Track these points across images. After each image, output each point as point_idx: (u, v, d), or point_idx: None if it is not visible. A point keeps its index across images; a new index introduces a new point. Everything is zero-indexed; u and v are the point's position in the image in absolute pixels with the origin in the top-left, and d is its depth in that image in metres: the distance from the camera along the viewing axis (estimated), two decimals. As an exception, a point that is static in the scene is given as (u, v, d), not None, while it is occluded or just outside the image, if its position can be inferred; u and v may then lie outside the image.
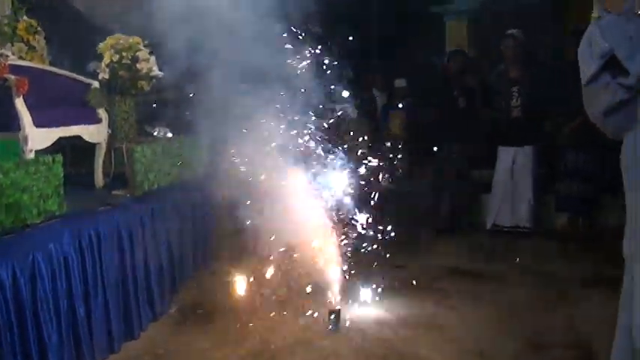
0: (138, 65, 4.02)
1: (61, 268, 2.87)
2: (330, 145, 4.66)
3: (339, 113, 6.32)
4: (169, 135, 4.86)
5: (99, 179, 3.85)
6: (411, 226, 5.77)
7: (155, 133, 4.81)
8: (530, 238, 5.61)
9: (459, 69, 6.01)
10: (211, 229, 4.88)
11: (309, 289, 4.10)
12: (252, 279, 4.48)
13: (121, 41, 3.97)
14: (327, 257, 4.04)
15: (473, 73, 6.24)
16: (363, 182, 4.46)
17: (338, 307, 3.81)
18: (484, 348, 3.42)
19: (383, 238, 4.41)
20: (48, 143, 3.20)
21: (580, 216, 5.49)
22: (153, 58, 4.20)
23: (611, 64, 1.55)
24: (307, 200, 4.16)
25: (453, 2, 7.74)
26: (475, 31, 7.89)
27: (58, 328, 2.80)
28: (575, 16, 7.24)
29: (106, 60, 3.90)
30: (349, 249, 4.21)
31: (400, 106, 6.80)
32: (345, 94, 6.94)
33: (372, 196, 4.50)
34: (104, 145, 3.82)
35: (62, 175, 2.97)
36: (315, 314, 3.90)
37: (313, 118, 4.40)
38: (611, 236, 5.47)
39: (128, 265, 3.48)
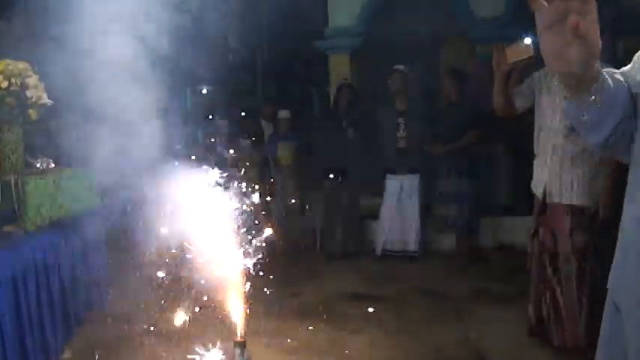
0: (27, 92, 3.79)
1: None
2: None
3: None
4: (52, 166, 4.60)
5: (-15, 215, 3.55)
6: (303, 254, 5.90)
7: (38, 165, 4.54)
8: (418, 261, 5.95)
9: (346, 101, 6.27)
10: (104, 266, 4.66)
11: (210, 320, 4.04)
12: (149, 316, 4.35)
13: (10, 67, 3.72)
14: (225, 288, 4.01)
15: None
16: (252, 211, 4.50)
17: (242, 338, 3.78)
18: (389, 368, 3.58)
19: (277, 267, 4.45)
20: None
21: (461, 237, 5.89)
22: (42, 86, 3.97)
23: None
24: (202, 230, 4.13)
25: (335, 38, 8.08)
26: (357, 65, 8.30)
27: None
28: (452, 57, 7.88)
29: (-6, 87, 3.64)
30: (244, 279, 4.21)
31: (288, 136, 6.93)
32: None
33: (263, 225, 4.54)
34: (-10, 179, 3.54)
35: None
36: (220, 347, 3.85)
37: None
38: (491, 255, 6.02)
39: (23, 307, 3.23)
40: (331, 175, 6.23)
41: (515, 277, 5.26)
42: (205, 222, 4.11)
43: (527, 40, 3.25)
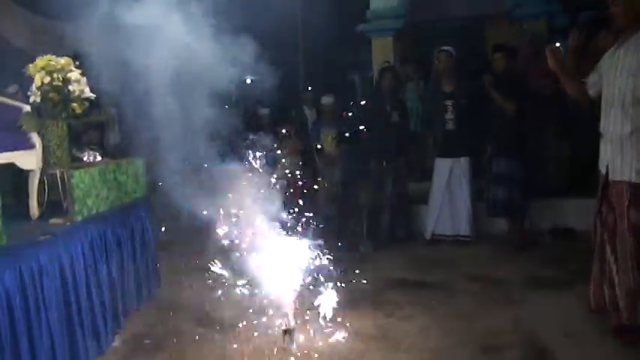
0: (70, 87, 3.83)
1: (2, 304, 2.67)
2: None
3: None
4: (99, 159, 4.67)
5: (34, 208, 3.62)
6: (351, 241, 5.81)
7: (85, 158, 4.62)
8: (469, 246, 5.78)
9: (390, 84, 6.13)
10: (153, 255, 4.72)
11: (260, 309, 4.03)
12: (200, 303, 4.37)
13: (52, 62, 3.77)
14: (277, 276, 3.98)
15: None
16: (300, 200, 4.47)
17: (292, 326, 3.75)
18: (439, 355, 3.48)
19: (325, 254, 4.40)
20: (-20, 172, 2.99)
21: (510, 220, 5.68)
22: (84, 79, 4.02)
23: None
24: (252, 219, 4.11)
25: (378, 20, 7.93)
26: (400, 48, 8.14)
27: (3, 368, 2.59)
28: (496, 37, 7.65)
29: (37, 82, 3.68)
30: (295, 266, 4.17)
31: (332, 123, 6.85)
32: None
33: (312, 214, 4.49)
34: (38, 172, 3.60)
35: (0, 204, 2.77)
36: (269, 335, 3.84)
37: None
38: (543, 239, 5.80)
39: (71, 296, 3.29)
40: (375, 161, 6.11)
41: (568, 261, 5.07)
42: (252, 211, 4.12)
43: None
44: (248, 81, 9.19)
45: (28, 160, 3.48)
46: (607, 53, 3.56)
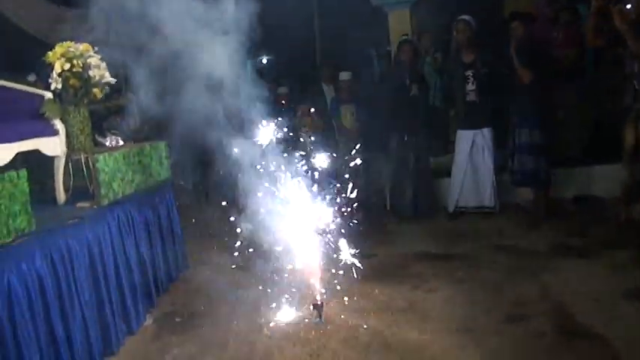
0: (90, 72, 3.86)
1: (35, 288, 2.74)
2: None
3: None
4: (121, 143, 4.72)
5: (60, 193, 3.67)
6: (374, 216, 5.81)
7: (107, 143, 4.66)
8: (492, 217, 5.74)
9: (409, 57, 6.07)
10: (180, 236, 4.78)
11: (287, 285, 4.08)
12: (228, 283, 4.44)
13: (71, 49, 3.80)
14: (303, 252, 4.01)
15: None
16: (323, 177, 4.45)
17: (320, 300, 3.79)
18: (468, 325, 3.49)
19: (349, 229, 4.41)
20: (7, 159, 3.02)
21: (536, 189, 5.63)
22: (104, 64, 4.05)
23: None
24: (277, 197, 4.14)
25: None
26: (417, 20, 8.02)
27: (39, 349, 2.67)
28: (516, 3, 7.49)
29: (57, 69, 3.71)
30: (320, 242, 4.19)
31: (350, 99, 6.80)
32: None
33: (335, 190, 4.49)
34: (63, 158, 3.65)
35: (28, 190, 2.83)
36: (298, 309, 3.89)
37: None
38: (568, 207, 5.73)
39: (101, 278, 3.36)
40: (396, 136, 6.07)
41: (593, 228, 5.02)
42: (276, 188, 4.14)
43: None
44: (264, 60, 9.17)
45: (53, 146, 3.53)
46: None
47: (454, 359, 3.11)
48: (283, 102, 6.88)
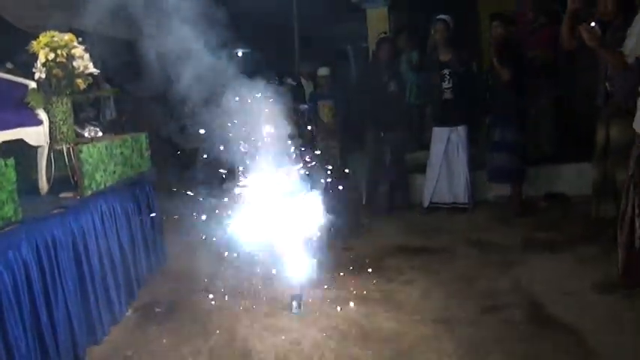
0: (74, 63, 3.87)
1: (22, 277, 2.76)
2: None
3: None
4: (100, 134, 4.72)
5: (43, 184, 3.67)
6: (350, 210, 5.91)
7: (86, 134, 4.66)
8: (466, 213, 5.91)
9: (387, 55, 6.18)
10: (160, 227, 4.81)
11: (267, 277, 4.16)
12: (207, 273, 4.49)
13: (55, 39, 3.80)
14: (282, 244, 4.09)
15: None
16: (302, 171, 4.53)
17: (299, 291, 3.88)
18: (442, 316, 3.61)
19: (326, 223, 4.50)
20: (-8, 148, 3.04)
21: (511, 186, 5.79)
22: (87, 55, 4.05)
23: None
24: (256, 189, 4.21)
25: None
26: (395, 18, 8.14)
27: (25, 336, 2.70)
28: (491, 3, 7.65)
29: (42, 59, 3.71)
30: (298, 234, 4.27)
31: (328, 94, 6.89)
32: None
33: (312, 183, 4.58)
34: (46, 148, 3.65)
35: (15, 179, 2.84)
36: (277, 300, 3.96)
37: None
38: (539, 204, 5.92)
39: (85, 268, 3.39)
40: (373, 131, 6.18)
41: (563, 224, 5.22)
42: (256, 182, 4.21)
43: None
44: (239, 53, 9.15)
45: (36, 136, 3.52)
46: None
47: (430, 348, 3.22)
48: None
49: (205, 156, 5.85)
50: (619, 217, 3.63)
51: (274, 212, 4.12)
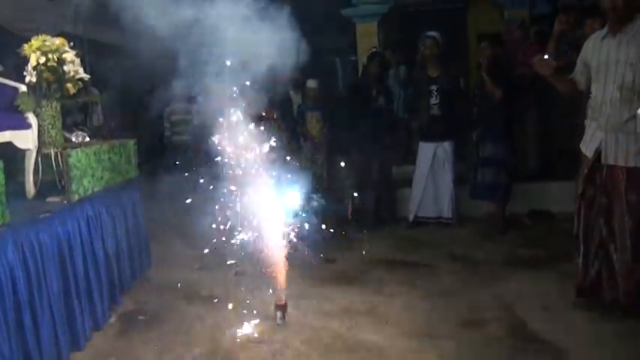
0: (65, 68, 3.88)
1: (7, 279, 2.75)
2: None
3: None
4: (87, 139, 4.71)
5: (30, 188, 3.66)
6: (335, 222, 5.93)
7: (73, 139, 4.66)
8: (450, 228, 5.96)
9: (377, 70, 6.25)
10: (145, 234, 4.80)
11: (251, 286, 4.17)
12: (191, 281, 4.49)
13: (47, 43, 3.81)
14: (266, 254, 4.10)
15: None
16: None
17: (284, 302, 3.88)
18: (425, 330, 3.63)
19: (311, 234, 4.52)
20: (-18, 151, 3.04)
21: (496, 202, 5.86)
22: (78, 60, 4.06)
23: None
24: (241, 201, 4.22)
25: (363, 5, 8.02)
26: (385, 33, 8.24)
27: (8, 339, 2.68)
28: (479, 22, 7.81)
29: (33, 62, 3.71)
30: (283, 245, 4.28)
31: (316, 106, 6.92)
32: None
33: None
34: (34, 152, 3.65)
35: (4, 182, 2.84)
36: (261, 310, 3.97)
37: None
38: (523, 221, 5.99)
39: (69, 273, 3.38)
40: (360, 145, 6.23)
41: (546, 241, 5.29)
42: (241, 191, 4.21)
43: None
44: (227, 63, 9.16)
45: (25, 139, 3.52)
46: (590, 41, 3.62)
47: (413, 361, 3.25)
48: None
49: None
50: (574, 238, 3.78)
51: (258, 222, 4.13)
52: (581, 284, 3.77)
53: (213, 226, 4.49)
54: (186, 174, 4.88)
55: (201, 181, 4.31)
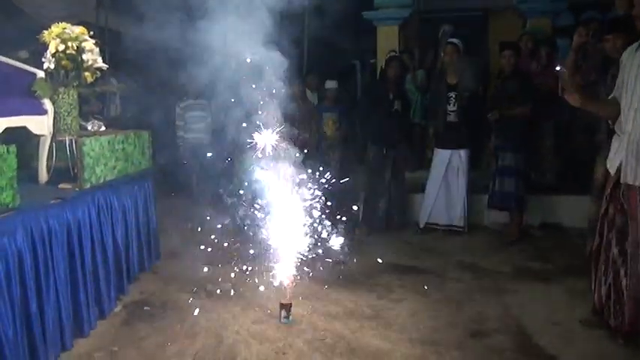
0: (83, 56, 3.89)
1: (14, 263, 2.77)
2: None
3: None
4: (103, 128, 4.74)
5: (43, 173, 3.69)
6: (347, 225, 5.91)
7: (89, 127, 4.69)
8: (461, 236, 5.91)
9: (395, 74, 6.21)
10: (155, 226, 4.82)
11: (258, 283, 4.17)
12: (199, 275, 4.50)
13: (67, 30, 3.83)
14: (275, 253, 4.09)
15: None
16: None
17: (289, 301, 3.87)
18: (429, 337, 3.60)
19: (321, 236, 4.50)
20: (-5, 133, 3.06)
21: (510, 212, 5.81)
22: (97, 49, 4.08)
23: None
24: (254, 196, 4.22)
25: (385, 9, 8.00)
26: (405, 37, 8.21)
27: (14, 323, 2.70)
28: (500, 30, 7.75)
29: (52, 49, 3.73)
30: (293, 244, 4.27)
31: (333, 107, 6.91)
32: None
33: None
34: (49, 138, 3.67)
35: (16, 166, 2.86)
36: (266, 308, 3.97)
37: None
38: (535, 233, 5.93)
39: (77, 260, 3.39)
40: (375, 148, 6.20)
41: (556, 255, 5.22)
42: (255, 190, 4.22)
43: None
44: (248, 60, 9.18)
45: (40, 125, 3.54)
46: (625, 54, 3.44)
47: (416, 369, 3.23)
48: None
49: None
50: (593, 255, 3.65)
51: (270, 220, 4.12)
52: (595, 304, 3.68)
53: (226, 222, 4.53)
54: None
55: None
